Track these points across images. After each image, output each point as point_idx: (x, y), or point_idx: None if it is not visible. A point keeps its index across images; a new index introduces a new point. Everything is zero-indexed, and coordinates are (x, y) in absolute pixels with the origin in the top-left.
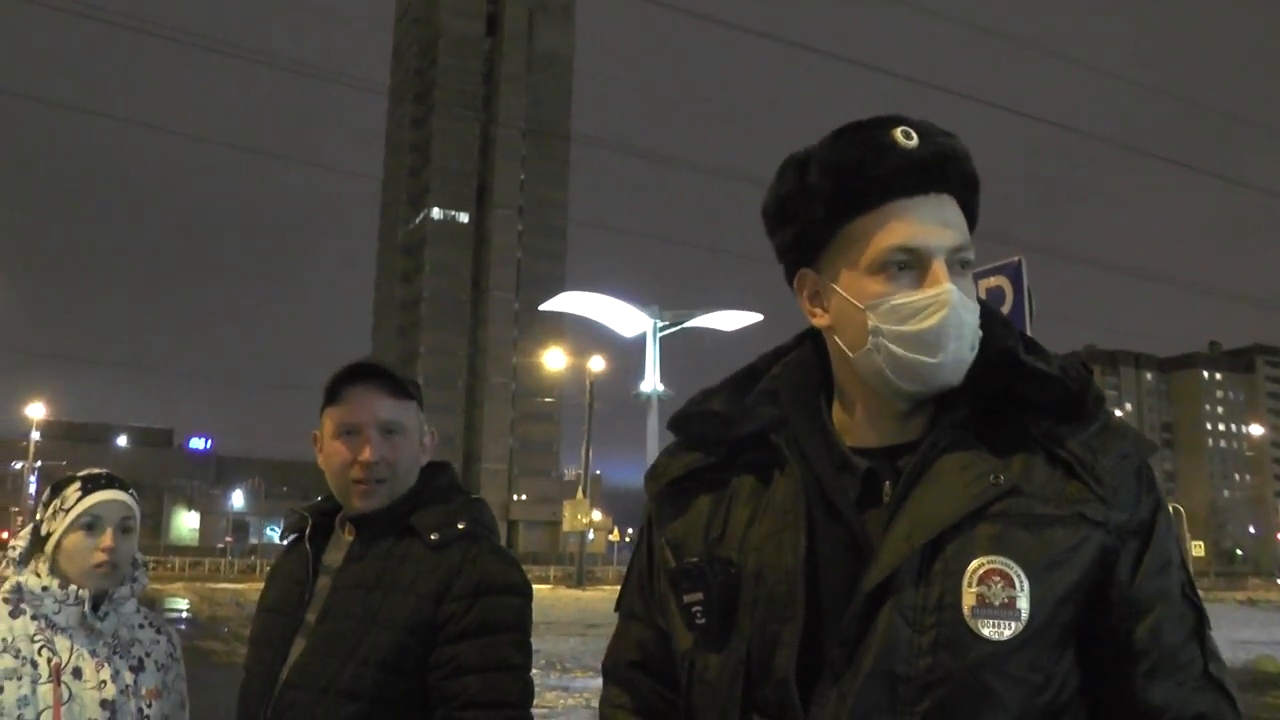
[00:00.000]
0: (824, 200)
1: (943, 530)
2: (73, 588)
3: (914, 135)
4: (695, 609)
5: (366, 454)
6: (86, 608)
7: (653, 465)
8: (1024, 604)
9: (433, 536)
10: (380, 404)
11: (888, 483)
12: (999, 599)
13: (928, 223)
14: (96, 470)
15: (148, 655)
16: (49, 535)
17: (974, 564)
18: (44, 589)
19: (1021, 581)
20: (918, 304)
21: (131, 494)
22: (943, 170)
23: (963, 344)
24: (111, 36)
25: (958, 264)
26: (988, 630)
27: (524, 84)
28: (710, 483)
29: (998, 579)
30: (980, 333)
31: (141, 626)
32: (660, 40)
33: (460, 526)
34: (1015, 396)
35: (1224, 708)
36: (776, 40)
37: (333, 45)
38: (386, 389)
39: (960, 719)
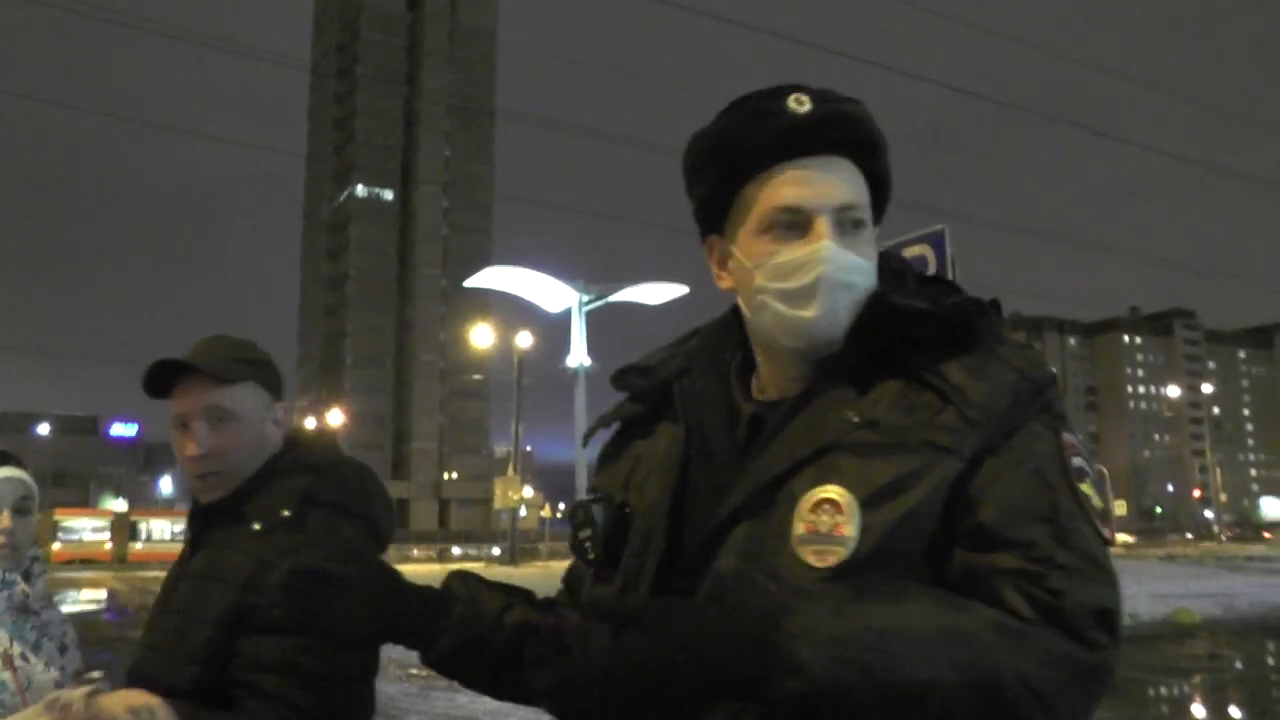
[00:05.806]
0: (714, 169)
1: (790, 465)
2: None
3: (806, 101)
4: (586, 544)
5: (189, 449)
6: (21, 589)
7: (598, 418)
8: (851, 530)
9: (255, 526)
10: (202, 393)
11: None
12: (826, 526)
13: (812, 183)
14: None
15: (64, 636)
16: None
17: (809, 494)
18: None
19: (851, 509)
20: (796, 260)
21: (27, 472)
22: (831, 132)
23: (838, 298)
24: (31, 13)
25: (849, 223)
26: (812, 557)
27: (447, 59)
28: (642, 432)
29: (828, 507)
30: (870, 288)
31: (48, 608)
32: (583, 13)
33: (285, 514)
34: (905, 338)
35: (1111, 593)
36: (701, 14)
37: (253, 20)
38: (209, 375)
39: None
